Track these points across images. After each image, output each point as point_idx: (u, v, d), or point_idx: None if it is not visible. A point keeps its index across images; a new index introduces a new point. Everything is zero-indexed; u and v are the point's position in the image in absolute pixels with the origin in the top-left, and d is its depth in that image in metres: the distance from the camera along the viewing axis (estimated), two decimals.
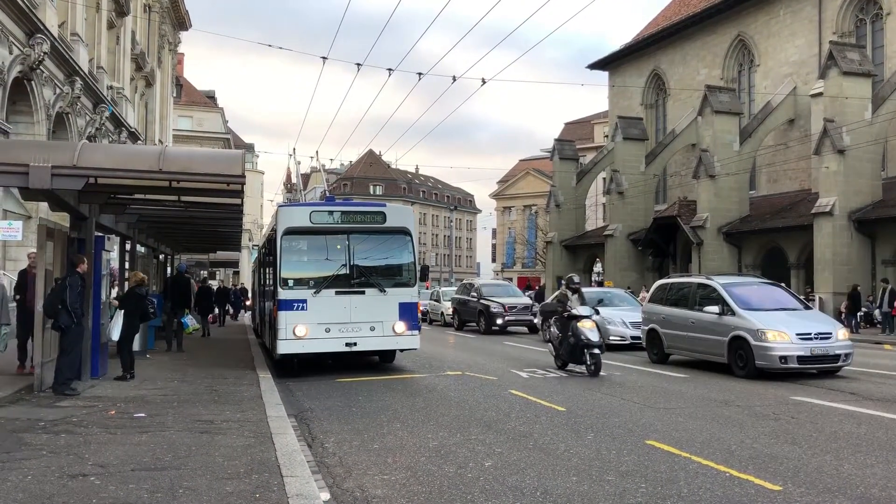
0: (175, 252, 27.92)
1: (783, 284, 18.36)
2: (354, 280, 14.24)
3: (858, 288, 28.09)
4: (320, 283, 14.04)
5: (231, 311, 36.00)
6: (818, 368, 13.84)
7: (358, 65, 20.01)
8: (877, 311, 27.20)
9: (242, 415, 9.22)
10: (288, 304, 13.81)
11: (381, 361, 16.17)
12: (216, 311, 31.17)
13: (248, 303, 37.01)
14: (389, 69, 20.30)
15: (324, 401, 11.26)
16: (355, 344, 14.04)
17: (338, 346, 14.01)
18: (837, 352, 13.80)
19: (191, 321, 23.29)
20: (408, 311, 14.46)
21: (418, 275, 14.94)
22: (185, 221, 17.74)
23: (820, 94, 31.64)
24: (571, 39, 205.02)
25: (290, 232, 14.16)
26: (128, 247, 17.90)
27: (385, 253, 14.95)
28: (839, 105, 29.90)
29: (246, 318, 37.28)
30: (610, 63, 50.21)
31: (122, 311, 12.75)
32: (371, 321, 14.10)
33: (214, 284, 41.30)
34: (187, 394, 11.04)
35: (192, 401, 10.35)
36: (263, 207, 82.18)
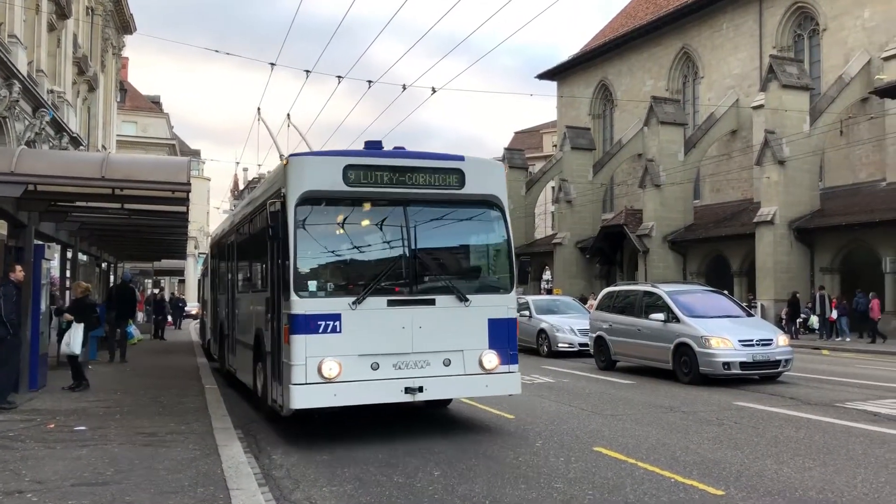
0: (118, 260, 27.39)
1: (726, 292, 18.80)
2: (418, 282, 9.03)
3: (798, 295, 28.90)
4: (362, 288, 8.74)
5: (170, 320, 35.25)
6: (760, 374, 14.17)
7: (307, 72, 19.87)
8: (813, 318, 28.02)
9: (187, 427, 9.06)
10: (309, 324, 8.39)
11: (427, 407, 10.99)
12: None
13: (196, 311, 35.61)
14: (339, 76, 20.21)
15: (271, 411, 11.11)
16: (421, 389, 8.70)
17: (392, 394, 8.67)
18: (778, 357, 14.18)
19: (135, 332, 22.85)
20: (502, 333, 9.22)
21: (516, 274, 9.63)
22: (128, 229, 17.42)
23: (761, 106, 32.57)
24: (524, 49, 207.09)
25: (311, 199, 8.70)
26: (69, 255, 17.47)
27: (464, 237, 9.89)
28: (779, 117, 30.77)
29: (192, 328, 36.63)
30: (558, 73, 50.86)
31: (82, 323, 12.43)
32: (445, 349, 8.91)
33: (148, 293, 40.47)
34: (130, 405, 10.80)
35: (136, 412, 10.14)
36: (210, 214, 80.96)
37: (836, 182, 32.41)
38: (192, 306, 45.81)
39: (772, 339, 14.35)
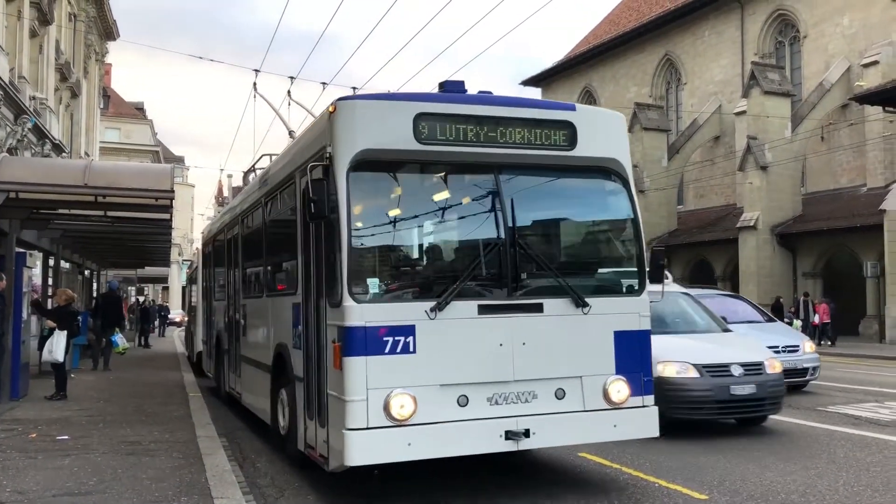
0: (101, 268, 27.19)
1: (743, 296, 18.23)
2: (518, 280, 6.55)
3: (781, 299, 29.14)
4: (443, 288, 6.31)
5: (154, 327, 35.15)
6: (787, 383, 12.38)
7: (291, 78, 19.85)
8: (797, 322, 28.29)
9: (171, 435, 9.00)
10: (371, 340, 6.03)
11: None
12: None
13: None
14: (323, 83, 20.23)
15: (256, 419, 11.06)
16: (528, 433, 6.29)
17: (488, 440, 6.25)
18: (805, 365, 13.27)
19: (121, 340, 22.70)
20: (633, 351, 6.85)
21: (646, 269, 7.15)
22: (111, 237, 17.31)
23: (743, 112, 32.85)
24: (509, 55, 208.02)
25: (370, 163, 6.33)
26: (51, 263, 17.35)
27: (575, 217, 7.63)
28: (761, 123, 31.07)
29: (177, 336, 36.40)
30: (543, 80, 51.10)
31: (65, 331, 12.35)
32: (557, 376, 6.55)
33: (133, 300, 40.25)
34: (114, 414, 10.72)
35: (119, 421, 10.05)
36: (194, 221, 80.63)
37: (818, 187, 32.74)
38: (176, 313, 45.62)
39: (798, 346, 13.37)
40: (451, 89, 6.99)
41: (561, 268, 6.82)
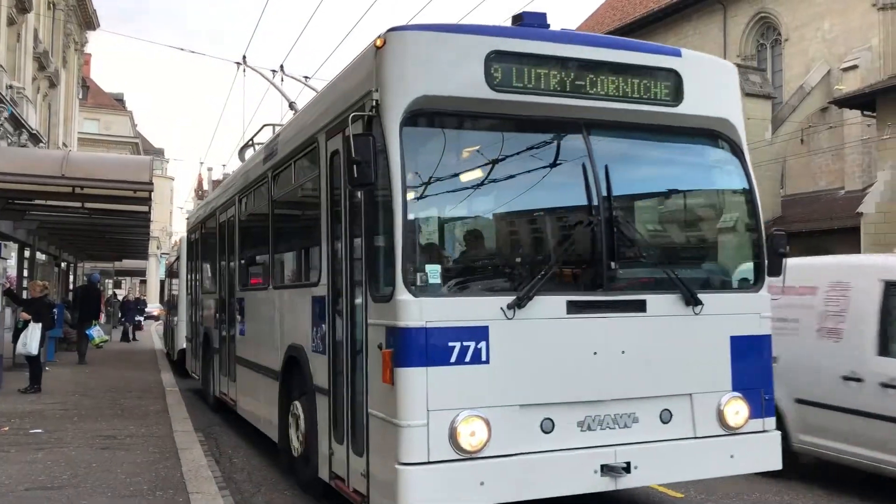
0: (78, 260, 26.94)
1: None
2: (614, 270, 5.12)
3: None
4: (522, 280, 4.96)
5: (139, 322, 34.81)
6: None
7: (273, 71, 19.75)
8: None
9: (147, 429, 8.92)
10: (433, 346, 4.61)
11: None
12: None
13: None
14: (306, 76, 20.16)
15: (233, 414, 10.99)
16: (627, 467, 4.95)
17: (579, 478, 4.90)
18: None
19: (97, 333, 22.50)
20: (752, 361, 5.52)
21: (766, 258, 5.66)
22: (89, 229, 17.14)
23: None
24: None
25: (430, 114, 4.98)
26: (27, 254, 17.15)
27: (680, 189, 6.10)
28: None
29: (154, 330, 36.14)
30: None
31: (40, 323, 12.21)
32: (662, 393, 5.24)
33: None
34: (89, 408, 10.61)
35: (94, 415, 9.96)
36: (173, 214, 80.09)
37: (797, 189, 33.06)
38: (154, 307, 45.36)
39: None
40: (531, 22, 5.37)
41: (664, 255, 5.56)
